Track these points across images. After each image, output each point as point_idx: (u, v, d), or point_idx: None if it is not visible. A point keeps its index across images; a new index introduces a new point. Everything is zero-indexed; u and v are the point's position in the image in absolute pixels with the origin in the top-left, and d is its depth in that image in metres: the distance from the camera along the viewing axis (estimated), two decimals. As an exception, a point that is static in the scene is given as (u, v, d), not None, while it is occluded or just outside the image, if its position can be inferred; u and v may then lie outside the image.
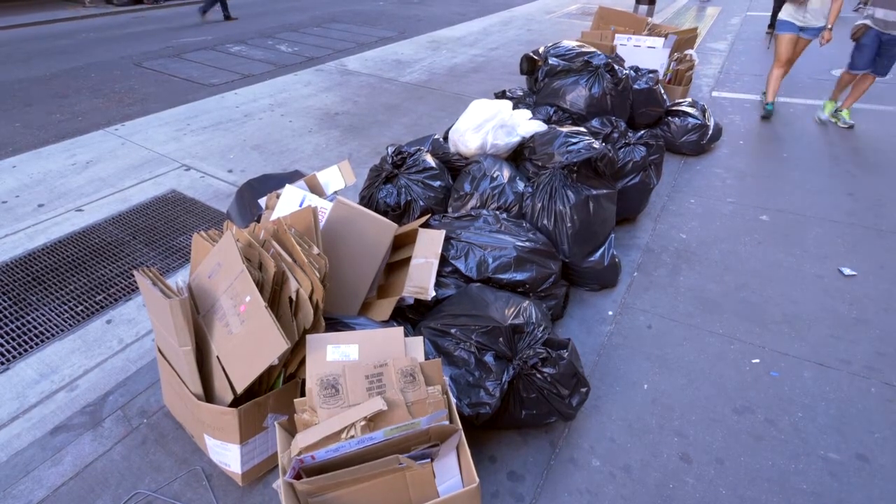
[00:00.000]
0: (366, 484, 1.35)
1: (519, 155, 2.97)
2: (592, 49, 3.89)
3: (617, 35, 4.91)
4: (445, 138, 3.23)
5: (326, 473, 1.28)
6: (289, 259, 1.65)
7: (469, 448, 1.46)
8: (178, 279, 1.73)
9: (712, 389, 2.14)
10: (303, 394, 1.62)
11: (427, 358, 1.64)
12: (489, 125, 2.87)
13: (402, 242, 2.30)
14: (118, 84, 5.86)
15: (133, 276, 2.53)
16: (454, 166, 2.89)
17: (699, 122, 4.15)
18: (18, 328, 2.40)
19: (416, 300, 2.07)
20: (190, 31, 8.32)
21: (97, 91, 5.64)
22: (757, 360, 2.28)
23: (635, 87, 3.91)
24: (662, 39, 4.75)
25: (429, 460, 1.36)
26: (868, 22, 4.31)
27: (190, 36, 8.04)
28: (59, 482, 1.74)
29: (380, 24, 9.15)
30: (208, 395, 1.61)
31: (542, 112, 3.64)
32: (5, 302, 2.55)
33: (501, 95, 4.06)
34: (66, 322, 2.44)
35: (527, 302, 2.00)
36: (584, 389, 1.86)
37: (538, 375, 1.79)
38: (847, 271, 2.83)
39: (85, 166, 3.91)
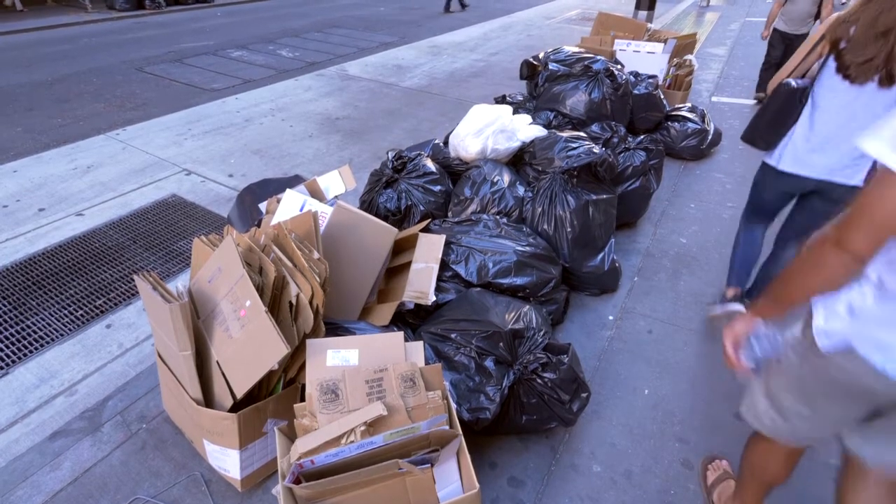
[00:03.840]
0: (366, 489, 1.35)
1: (519, 160, 2.98)
2: (592, 54, 3.90)
3: (617, 40, 4.93)
4: (446, 143, 3.23)
5: (326, 478, 1.27)
6: (289, 264, 1.65)
7: (469, 453, 1.45)
8: (179, 284, 1.73)
9: (713, 394, 2.13)
10: (303, 399, 1.61)
11: (427, 363, 1.63)
12: (489, 130, 2.88)
13: (403, 247, 2.30)
14: (120, 89, 5.88)
15: (133, 280, 2.53)
16: (454, 171, 2.89)
17: (699, 126, 4.16)
18: (18, 332, 2.40)
19: (417, 305, 2.06)
20: (191, 37, 8.36)
21: (99, 96, 5.65)
22: (758, 365, 2.28)
23: (635, 92, 3.91)
24: (662, 45, 4.77)
25: (429, 465, 1.36)
26: None
27: (191, 41, 8.07)
28: (58, 487, 1.73)
29: (380, 29, 9.19)
30: (208, 400, 1.60)
31: (542, 117, 3.65)
32: (5, 306, 2.55)
33: (502, 100, 4.07)
34: (65, 326, 2.44)
35: (527, 307, 2.00)
36: (584, 394, 1.86)
37: (538, 380, 1.79)
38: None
39: (86, 171, 3.92)
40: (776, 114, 2.02)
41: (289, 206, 2.10)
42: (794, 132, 1.98)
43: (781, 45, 5.24)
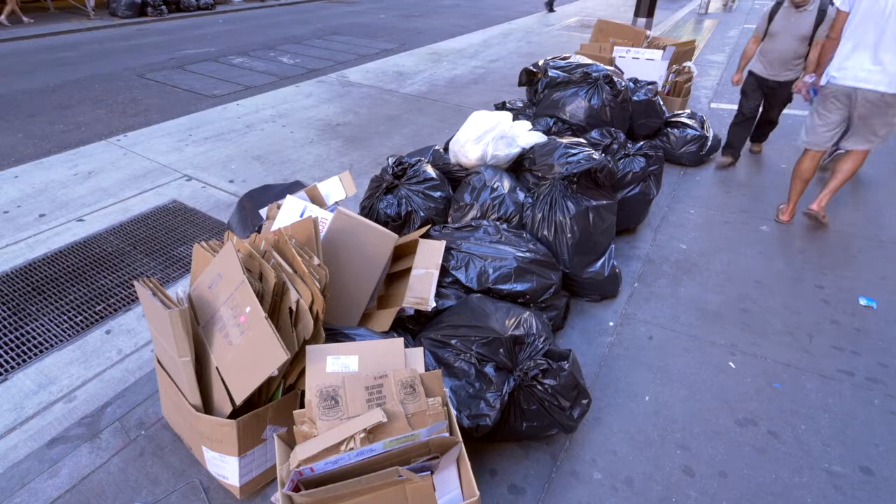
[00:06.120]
0: (365, 497, 1.34)
1: (519, 166, 2.98)
2: (591, 61, 3.92)
3: (616, 47, 4.96)
4: (446, 149, 3.24)
5: (325, 486, 1.26)
6: (289, 270, 1.65)
7: (469, 461, 1.44)
8: (179, 290, 1.72)
9: (714, 401, 2.13)
10: (302, 405, 1.61)
11: (427, 369, 1.63)
12: (489, 136, 2.89)
13: (403, 253, 2.30)
14: (121, 95, 5.91)
15: (133, 286, 2.53)
16: (454, 177, 2.89)
17: (698, 133, 4.17)
18: (18, 338, 2.40)
19: (417, 311, 2.06)
20: (193, 43, 8.40)
21: (100, 102, 5.68)
22: (758, 372, 2.27)
23: (634, 98, 3.93)
24: (661, 51, 4.79)
25: (429, 473, 1.35)
26: None
27: (193, 48, 8.11)
28: (56, 495, 1.72)
29: (381, 36, 9.24)
30: (207, 407, 1.60)
31: (541, 123, 3.66)
32: (5, 312, 2.55)
33: (501, 107, 4.08)
34: (65, 332, 2.44)
35: (527, 313, 2.00)
36: (585, 401, 1.85)
37: (539, 387, 1.78)
38: (863, 302, 2.71)
39: (87, 176, 3.93)
40: None
41: (289, 211, 2.10)
42: None
43: (758, 94, 4.09)
